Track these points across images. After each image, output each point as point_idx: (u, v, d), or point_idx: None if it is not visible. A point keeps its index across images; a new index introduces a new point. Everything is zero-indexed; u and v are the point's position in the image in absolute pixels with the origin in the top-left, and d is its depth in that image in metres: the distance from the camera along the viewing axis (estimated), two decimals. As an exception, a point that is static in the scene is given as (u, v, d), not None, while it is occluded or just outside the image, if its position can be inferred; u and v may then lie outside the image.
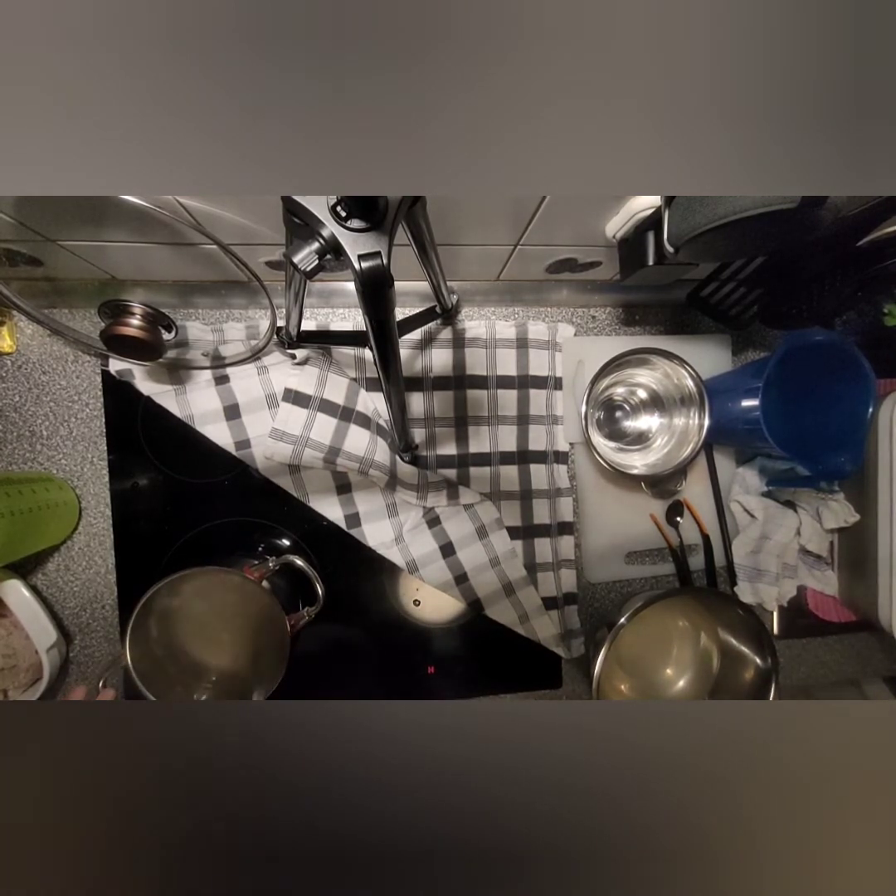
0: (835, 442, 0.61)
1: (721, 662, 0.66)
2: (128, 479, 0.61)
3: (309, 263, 0.32)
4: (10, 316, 0.59)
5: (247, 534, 0.64)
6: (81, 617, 0.61)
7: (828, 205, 0.36)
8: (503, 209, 0.47)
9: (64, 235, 0.49)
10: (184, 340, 0.60)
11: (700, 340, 0.71)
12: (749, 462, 0.72)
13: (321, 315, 0.65)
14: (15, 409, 0.60)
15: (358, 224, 0.31)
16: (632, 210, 0.47)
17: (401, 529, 0.65)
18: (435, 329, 0.65)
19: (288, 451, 0.58)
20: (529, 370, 0.67)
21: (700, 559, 0.71)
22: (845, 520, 0.65)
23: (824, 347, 0.58)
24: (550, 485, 0.68)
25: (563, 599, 0.67)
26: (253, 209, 0.45)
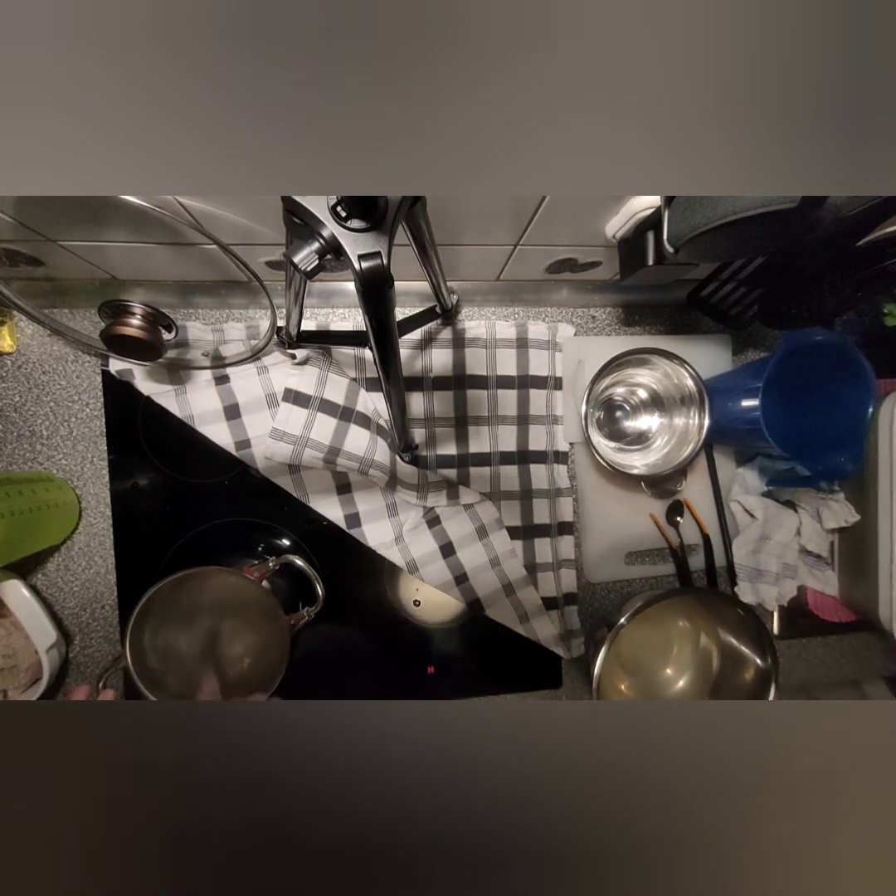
0: (835, 442, 0.61)
1: (721, 662, 0.66)
2: (128, 479, 0.61)
3: (309, 263, 0.32)
4: (10, 316, 0.59)
5: (247, 534, 0.64)
6: (81, 617, 0.61)
7: (828, 205, 0.36)
8: (503, 209, 0.47)
9: (64, 235, 0.49)
10: (184, 340, 0.60)
11: (700, 340, 0.71)
12: (749, 462, 0.72)
13: (321, 315, 0.65)
14: (15, 409, 0.60)
15: (358, 224, 0.31)
16: (632, 210, 0.47)
17: (401, 529, 0.65)
18: (435, 329, 0.65)
19: (288, 451, 0.58)
20: (529, 370, 0.67)
21: (700, 559, 0.71)
22: (845, 520, 0.65)
23: (824, 347, 0.58)
24: (550, 485, 0.68)
25: (563, 599, 0.67)
26: (253, 209, 0.45)
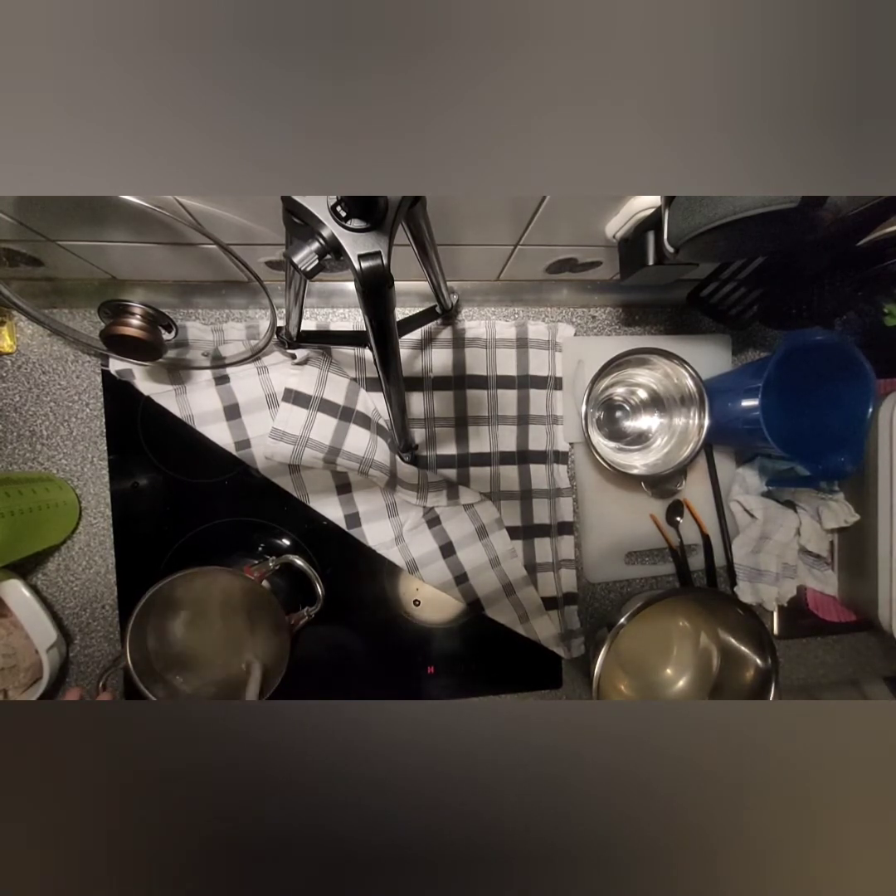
0: (835, 442, 0.61)
1: (721, 662, 0.66)
2: (128, 479, 0.61)
3: (309, 263, 0.32)
4: (10, 316, 0.59)
5: (247, 534, 0.64)
6: (81, 617, 0.61)
7: (828, 205, 0.36)
8: (503, 209, 0.47)
9: (64, 235, 0.49)
10: (184, 340, 0.60)
11: (700, 340, 0.71)
12: (749, 462, 0.72)
13: (321, 315, 0.65)
14: (15, 409, 0.60)
15: (358, 224, 0.31)
16: (632, 210, 0.47)
17: (401, 529, 0.65)
18: (435, 329, 0.65)
19: (288, 451, 0.58)
20: (529, 370, 0.67)
21: (700, 559, 0.71)
22: (845, 520, 0.65)
23: (824, 347, 0.58)
24: (550, 485, 0.68)
25: (563, 599, 0.67)
26: (253, 209, 0.45)
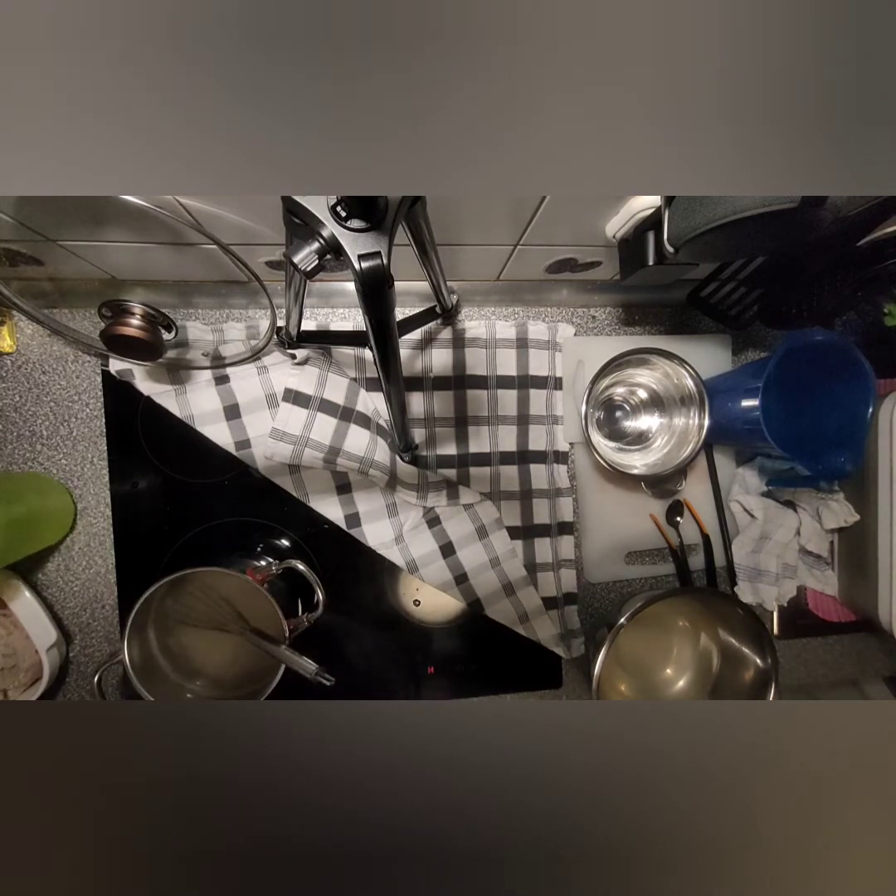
0: (835, 442, 0.61)
1: (721, 662, 0.66)
2: (128, 479, 0.61)
3: (309, 263, 0.32)
4: (10, 316, 0.59)
5: (247, 534, 0.64)
6: (81, 617, 0.61)
7: (828, 205, 0.36)
8: (503, 209, 0.47)
9: (64, 235, 0.49)
10: (184, 340, 0.60)
11: (700, 340, 0.71)
12: (749, 462, 0.72)
13: (321, 315, 0.65)
14: (15, 409, 0.60)
15: (358, 224, 0.31)
16: (632, 210, 0.47)
17: (401, 529, 0.65)
18: (435, 329, 0.65)
19: (288, 451, 0.58)
20: (529, 370, 0.67)
21: (700, 559, 0.71)
22: (845, 520, 0.65)
23: (824, 347, 0.58)
24: (550, 485, 0.68)
25: (563, 599, 0.67)
26: (253, 209, 0.45)
